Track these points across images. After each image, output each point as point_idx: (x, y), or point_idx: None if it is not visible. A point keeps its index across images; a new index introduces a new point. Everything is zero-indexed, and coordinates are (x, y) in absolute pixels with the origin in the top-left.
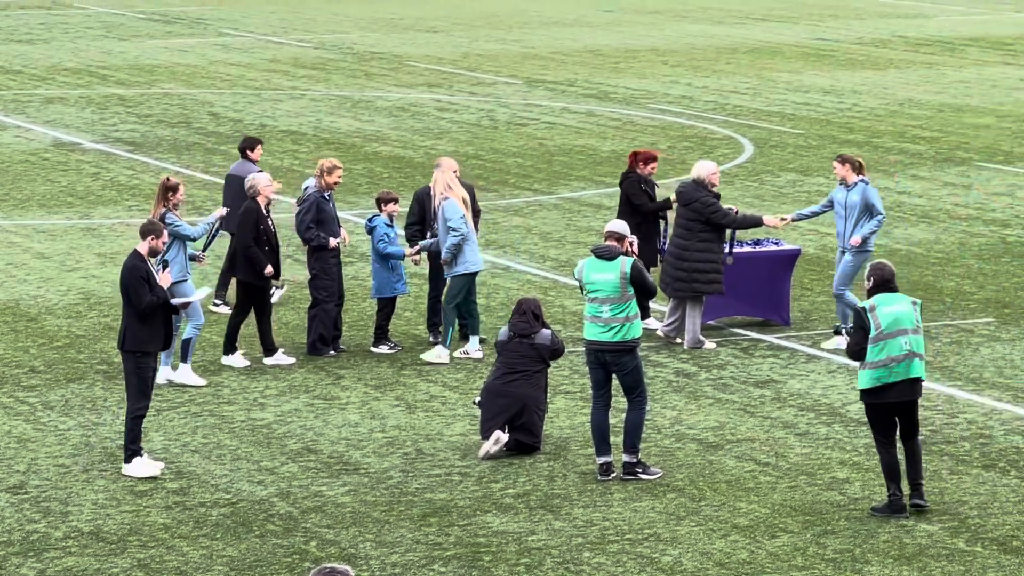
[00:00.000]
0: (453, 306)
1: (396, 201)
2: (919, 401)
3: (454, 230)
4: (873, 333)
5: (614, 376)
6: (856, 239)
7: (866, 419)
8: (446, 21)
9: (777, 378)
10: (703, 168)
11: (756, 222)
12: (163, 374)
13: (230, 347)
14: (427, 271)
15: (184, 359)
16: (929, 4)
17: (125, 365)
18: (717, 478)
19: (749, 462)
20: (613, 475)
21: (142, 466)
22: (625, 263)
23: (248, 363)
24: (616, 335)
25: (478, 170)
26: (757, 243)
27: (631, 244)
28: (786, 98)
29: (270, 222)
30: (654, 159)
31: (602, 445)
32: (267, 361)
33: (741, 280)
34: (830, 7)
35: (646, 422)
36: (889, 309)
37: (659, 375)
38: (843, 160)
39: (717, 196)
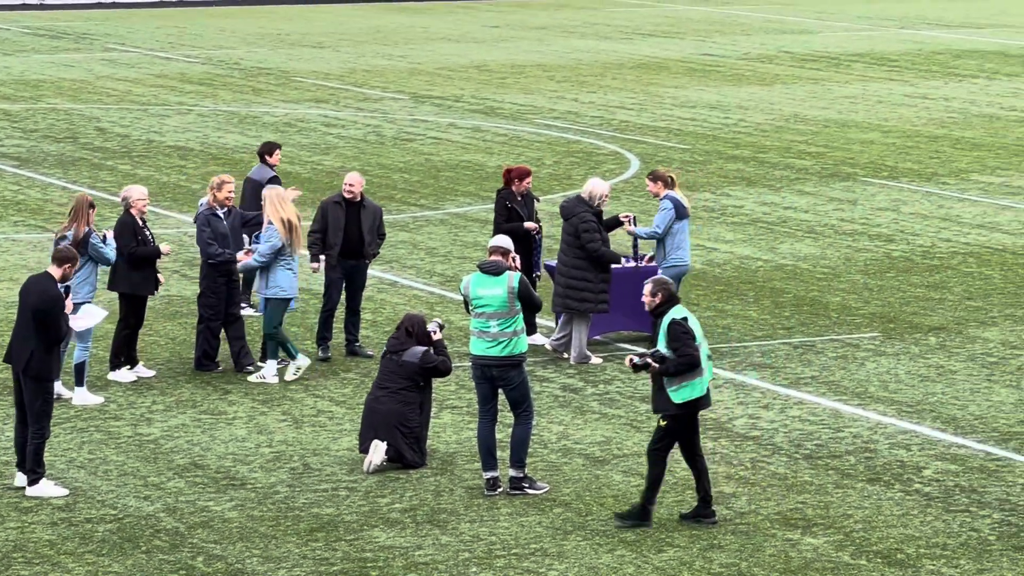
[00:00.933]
0: (276, 330)
1: None
2: None
3: (261, 256)
4: (698, 341)
5: (500, 391)
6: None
7: (669, 433)
8: (332, 37)
9: None
10: (595, 187)
11: (615, 260)
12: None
13: (116, 361)
14: (322, 285)
15: (80, 382)
16: (815, 20)
17: (31, 390)
18: (604, 493)
19: (636, 477)
20: (500, 490)
21: (49, 488)
22: (512, 278)
23: (136, 377)
24: (503, 350)
25: (365, 185)
26: (643, 258)
27: (514, 259)
28: (672, 113)
29: (148, 233)
30: (527, 174)
31: (488, 460)
32: (121, 373)
33: (627, 295)
34: (716, 23)
35: (532, 437)
36: (692, 321)
37: (545, 390)
38: (655, 177)
39: (598, 215)
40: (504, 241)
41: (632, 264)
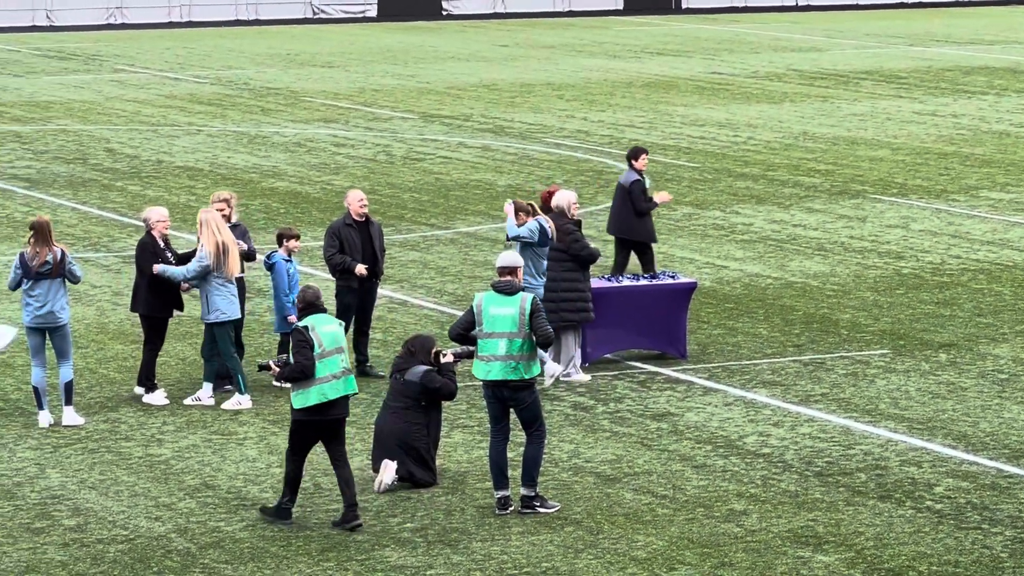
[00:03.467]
0: (228, 354)
1: (297, 237)
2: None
3: (188, 272)
4: (317, 351)
5: (512, 410)
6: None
7: (293, 435)
8: (342, 57)
9: (674, 411)
10: (563, 198)
11: (597, 254)
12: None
13: (149, 384)
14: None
15: (68, 401)
16: (823, 38)
17: None
18: (615, 511)
19: (647, 495)
20: (511, 509)
21: None
22: (525, 299)
23: (167, 401)
24: (515, 372)
25: (375, 205)
26: (654, 276)
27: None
28: (681, 132)
29: (168, 255)
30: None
31: (500, 479)
32: (155, 396)
33: (638, 313)
34: (725, 41)
35: (544, 456)
36: (326, 328)
37: (556, 409)
38: (518, 209)
39: (578, 224)
40: (513, 259)
41: (637, 282)
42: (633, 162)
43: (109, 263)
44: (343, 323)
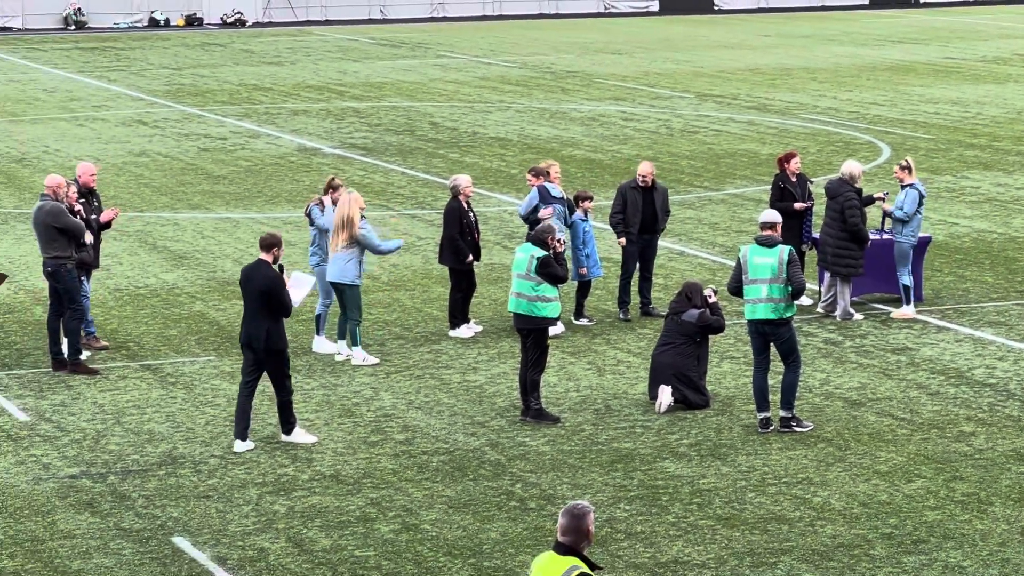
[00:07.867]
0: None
1: (591, 199)
2: None
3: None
4: None
5: (772, 345)
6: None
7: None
8: (629, 45)
9: (912, 346)
10: (853, 168)
11: (866, 238)
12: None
13: (454, 321)
14: (619, 256)
15: (319, 332)
16: None
17: (274, 361)
18: (860, 431)
19: (888, 417)
20: (772, 428)
21: (301, 435)
22: (783, 251)
23: (472, 333)
24: (774, 312)
25: (658, 170)
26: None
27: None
28: (919, 108)
29: (472, 216)
30: (792, 156)
31: (762, 403)
32: (461, 330)
33: (881, 263)
34: (957, 30)
35: (799, 383)
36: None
37: (810, 343)
38: (536, 172)
39: (859, 192)
40: (773, 216)
41: (879, 237)
42: None
43: (432, 219)
44: (538, 255)
